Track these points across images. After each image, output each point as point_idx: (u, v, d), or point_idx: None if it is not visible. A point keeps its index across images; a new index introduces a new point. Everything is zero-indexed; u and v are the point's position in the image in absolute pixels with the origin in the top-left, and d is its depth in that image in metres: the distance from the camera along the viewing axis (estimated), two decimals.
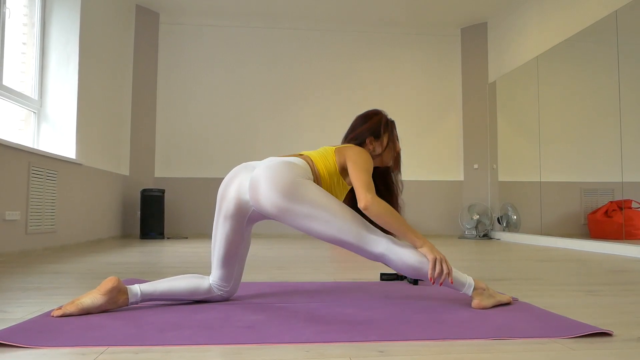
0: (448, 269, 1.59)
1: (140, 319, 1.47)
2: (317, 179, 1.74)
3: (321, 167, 1.76)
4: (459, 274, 1.67)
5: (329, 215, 1.59)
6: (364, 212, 1.62)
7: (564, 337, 1.31)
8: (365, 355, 1.15)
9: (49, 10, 4.50)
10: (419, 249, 1.61)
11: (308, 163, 1.75)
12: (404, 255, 1.59)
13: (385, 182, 2.00)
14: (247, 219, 1.70)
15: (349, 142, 1.92)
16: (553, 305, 1.77)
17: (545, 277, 2.54)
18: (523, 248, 4.69)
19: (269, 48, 6.69)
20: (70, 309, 1.50)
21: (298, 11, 6.39)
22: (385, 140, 1.91)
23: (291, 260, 3.40)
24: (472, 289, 1.66)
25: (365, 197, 1.62)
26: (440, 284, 1.60)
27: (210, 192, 6.43)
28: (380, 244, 1.61)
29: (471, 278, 1.69)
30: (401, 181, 2.02)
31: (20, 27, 4.19)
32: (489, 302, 1.67)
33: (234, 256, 1.73)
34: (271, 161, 1.69)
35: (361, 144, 1.91)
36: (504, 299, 1.72)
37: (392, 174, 2.02)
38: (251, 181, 1.64)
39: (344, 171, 1.79)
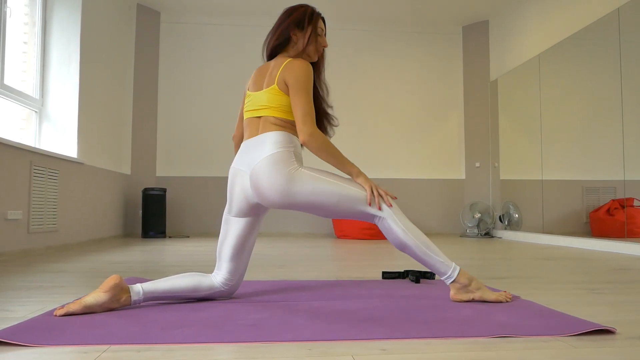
0: (383, 192, 1.71)
1: (143, 317, 1.47)
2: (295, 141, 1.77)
3: (286, 123, 1.75)
4: (445, 261, 1.71)
5: (328, 199, 1.67)
6: (303, 145, 1.70)
7: (567, 334, 1.30)
8: (367, 353, 1.15)
9: (49, 9, 4.50)
10: (356, 180, 1.72)
11: (283, 134, 1.74)
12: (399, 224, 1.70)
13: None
14: (259, 212, 1.80)
15: (276, 40, 1.86)
16: (555, 303, 1.77)
17: (547, 276, 2.54)
18: (525, 246, 4.68)
19: None
20: (73, 307, 1.50)
21: None
22: (308, 31, 1.85)
23: (293, 258, 3.40)
24: (451, 280, 1.71)
25: (305, 130, 1.68)
26: (379, 208, 1.69)
27: (212, 190, 6.43)
28: (382, 210, 1.70)
29: (457, 270, 1.72)
30: (326, 83, 1.98)
31: (21, 27, 4.20)
32: (464, 296, 1.73)
33: (242, 250, 1.78)
34: (256, 159, 1.70)
35: (287, 39, 1.85)
36: (491, 297, 1.72)
37: (317, 74, 1.94)
38: (252, 187, 1.71)
39: None
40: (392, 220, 1.69)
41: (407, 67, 6.87)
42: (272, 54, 1.90)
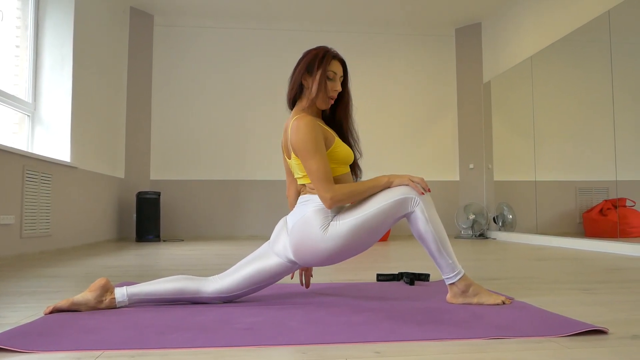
0: (419, 179, 1.68)
1: (138, 322, 1.47)
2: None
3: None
4: (454, 264, 1.71)
5: (360, 237, 1.66)
6: (335, 205, 1.68)
7: (560, 335, 1.31)
8: (361, 356, 1.15)
9: (42, 12, 4.48)
10: (393, 187, 1.68)
11: (312, 195, 1.75)
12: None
13: (340, 132, 1.87)
14: (298, 265, 1.79)
15: (291, 90, 1.80)
16: (549, 303, 1.78)
17: (540, 276, 2.55)
18: (519, 247, 4.70)
19: (265, 49, 6.69)
20: (61, 303, 1.59)
21: (293, 12, 6.39)
22: (317, 76, 1.74)
23: None
24: (450, 282, 1.72)
25: (325, 197, 1.67)
26: (427, 191, 1.68)
27: (206, 194, 6.42)
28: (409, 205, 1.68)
29: (460, 275, 1.72)
30: (355, 130, 1.90)
31: (13, 30, 4.18)
32: (460, 300, 1.73)
33: (257, 279, 1.76)
34: (300, 219, 1.71)
35: (300, 86, 1.78)
36: (489, 301, 1.72)
37: (343, 121, 1.86)
38: (293, 250, 1.71)
39: None
40: (419, 209, 1.67)
41: (400, 69, 6.90)
42: (292, 105, 1.84)
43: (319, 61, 1.74)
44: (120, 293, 1.65)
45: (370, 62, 6.84)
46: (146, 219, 5.69)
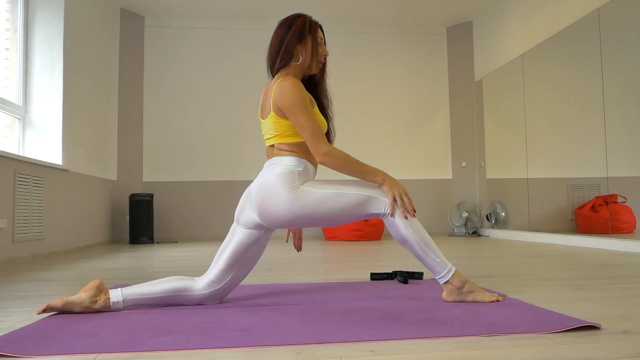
0: (408, 200, 1.68)
1: (133, 324, 1.47)
2: (306, 166, 1.79)
3: (294, 147, 1.78)
4: (442, 261, 1.72)
5: (332, 209, 1.68)
6: (322, 164, 1.70)
7: (552, 331, 1.33)
8: (356, 356, 1.16)
9: (31, 14, 4.45)
10: (382, 187, 1.70)
11: (293, 158, 1.77)
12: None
13: (316, 95, 1.94)
14: (263, 228, 1.80)
15: (282, 59, 1.83)
16: (541, 300, 1.80)
17: (533, 273, 2.57)
18: (512, 244, 4.73)
19: (256, 50, 6.68)
20: (54, 302, 1.59)
21: (283, 12, 6.38)
22: (309, 43, 1.83)
23: (282, 261, 3.40)
24: (444, 281, 1.73)
25: (319, 151, 1.69)
26: (408, 217, 1.67)
27: (199, 195, 6.41)
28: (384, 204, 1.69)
29: (452, 272, 1.73)
30: (328, 93, 1.95)
31: (2, 33, 4.15)
32: (457, 298, 1.74)
33: (239, 259, 1.78)
34: (264, 181, 1.74)
35: (292, 57, 1.82)
36: (485, 298, 1.74)
37: (319, 84, 1.93)
38: (257, 209, 1.74)
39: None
40: (397, 214, 1.69)
41: (392, 68, 6.91)
42: (277, 72, 1.87)
43: (308, 29, 1.83)
44: (115, 294, 1.66)
45: (361, 62, 6.85)
46: (139, 221, 5.67)
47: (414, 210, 1.70)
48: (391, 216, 1.67)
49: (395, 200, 1.68)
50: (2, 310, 1.77)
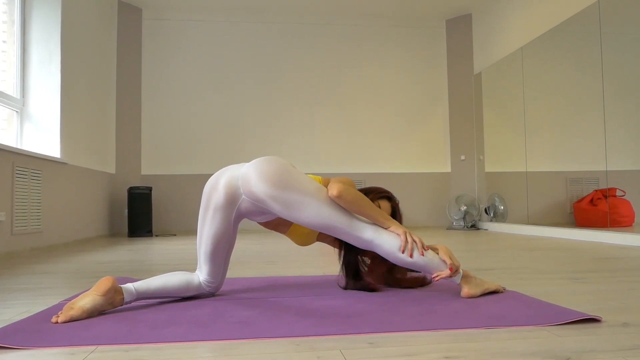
0: (418, 240, 1.67)
1: (132, 317, 1.47)
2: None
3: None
4: (439, 261, 1.69)
5: (318, 202, 1.65)
6: (335, 200, 1.66)
7: (552, 324, 1.33)
8: (355, 347, 1.16)
9: (29, 7, 4.42)
10: (389, 230, 1.69)
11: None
12: (390, 241, 1.66)
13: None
14: (236, 210, 1.70)
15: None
16: (540, 293, 1.80)
17: (532, 266, 2.58)
18: (510, 238, 4.74)
19: (255, 42, 6.65)
20: (75, 313, 1.44)
21: (283, 5, 6.36)
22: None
23: (281, 254, 3.40)
24: (460, 277, 1.70)
25: (337, 185, 1.67)
26: (411, 255, 1.65)
27: (198, 188, 6.40)
28: (368, 230, 1.68)
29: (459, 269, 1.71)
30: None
31: (0, 25, 4.12)
32: (477, 290, 1.70)
33: (221, 251, 1.74)
34: (259, 158, 1.74)
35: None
36: (492, 286, 1.75)
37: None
38: (242, 173, 1.69)
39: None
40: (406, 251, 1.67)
41: (391, 61, 6.89)
42: None
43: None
44: (129, 292, 1.59)
45: (360, 55, 6.82)
46: (138, 214, 5.67)
47: (422, 252, 1.66)
48: (410, 256, 1.65)
49: (405, 237, 1.66)
50: (2, 303, 1.77)
